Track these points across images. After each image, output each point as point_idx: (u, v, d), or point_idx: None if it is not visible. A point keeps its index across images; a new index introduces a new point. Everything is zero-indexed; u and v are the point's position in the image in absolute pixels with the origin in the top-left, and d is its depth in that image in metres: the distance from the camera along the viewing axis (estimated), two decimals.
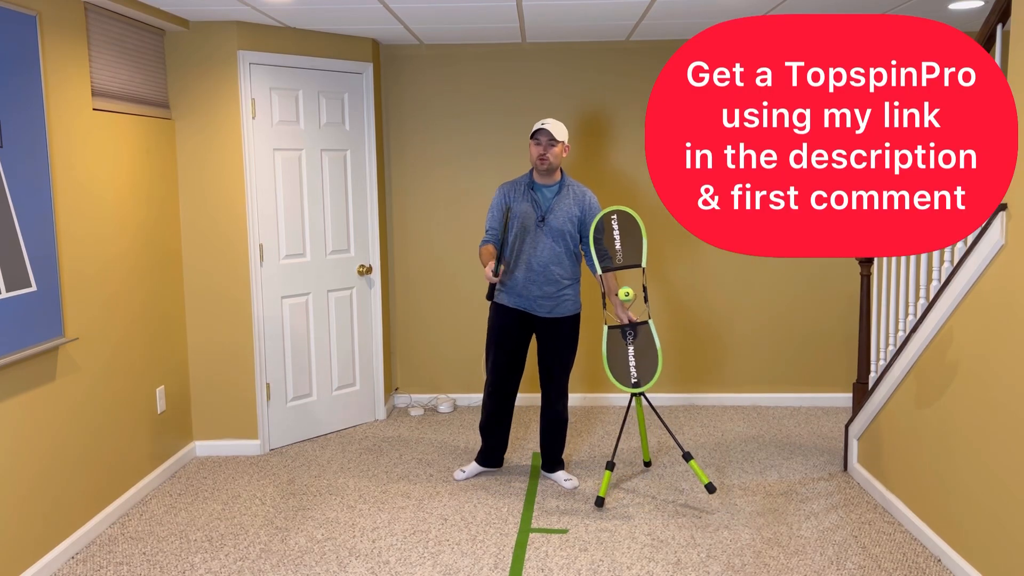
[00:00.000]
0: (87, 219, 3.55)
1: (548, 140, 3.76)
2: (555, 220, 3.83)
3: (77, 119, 3.47)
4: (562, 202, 3.86)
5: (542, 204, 3.86)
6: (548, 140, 3.76)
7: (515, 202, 3.89)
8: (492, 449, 4.21)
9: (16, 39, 3.04)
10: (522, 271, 3.87)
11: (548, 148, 3.76)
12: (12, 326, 3.00)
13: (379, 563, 3.32)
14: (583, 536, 3.54)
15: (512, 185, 3.95)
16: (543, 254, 3.84)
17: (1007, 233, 2.86)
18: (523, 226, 3.86)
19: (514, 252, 3.89)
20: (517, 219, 3.87)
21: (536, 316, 3.93)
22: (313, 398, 4.87)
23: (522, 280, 3.88)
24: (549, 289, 3.86)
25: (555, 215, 3.84)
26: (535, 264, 3.85)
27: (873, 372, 4.05)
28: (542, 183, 3.89)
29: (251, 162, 4.44)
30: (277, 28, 4.47)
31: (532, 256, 3.85)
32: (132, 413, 3.94)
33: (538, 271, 3.85)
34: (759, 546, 3.43)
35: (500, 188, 4.00)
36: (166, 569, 3.31)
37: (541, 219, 3.83)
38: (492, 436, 4.19)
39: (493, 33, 4.81)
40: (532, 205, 3.86)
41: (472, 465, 4.23)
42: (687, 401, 5.44)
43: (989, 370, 2.97)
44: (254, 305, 4.51)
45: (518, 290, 3.90)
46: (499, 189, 4.00)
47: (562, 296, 3.90)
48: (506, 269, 3.89)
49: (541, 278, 3.85)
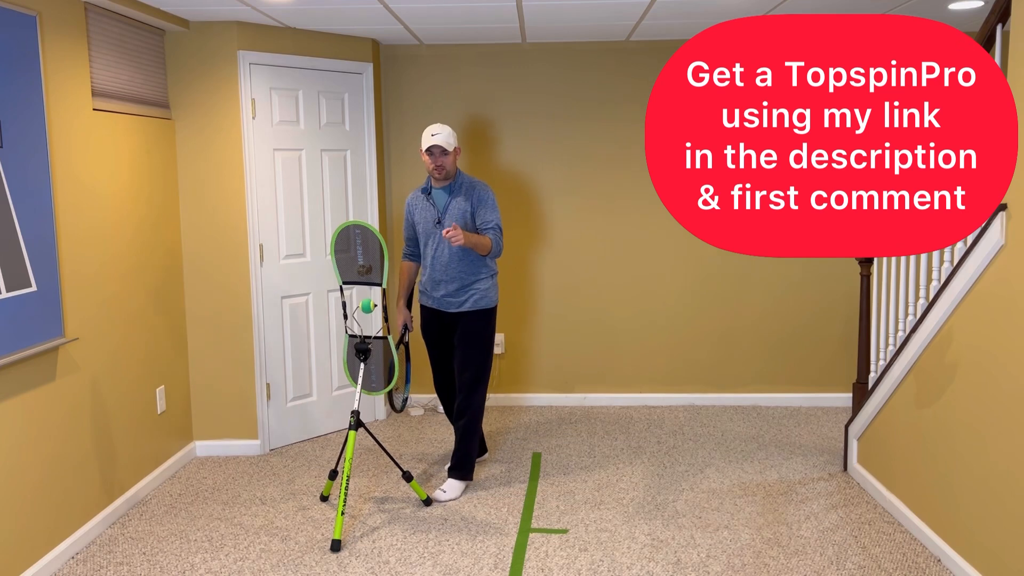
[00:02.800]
0: (87, 219, 3.55)
1: (441, 151, 3.85)
2: (449, 220, 3.92)
3: (77, 119, 3.47)
4: (455, 200, 3.95)
5: (439, 206, 3.97)
6: (441, 151, 3.85)
7: (416, 210, 4.04)
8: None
9: (16, 39, 3.04)
10: (430, 272, 4.01)
11: (441, 157, 3.86)
12: (12, 326, 3.00)
13: (379, 563, 3.32)
14: (583, 536, 3.54)
15: (414, 195, 4.09)
16: (443, 254, 3.94)
17: (1007, 233, 2.86)
18: (424, 231, 4.00)
19: (424, 258, 4.05)
20: (419, 225, 4.03)
21: (447, 313, 4.03)
22: (313, 398, 4.87)
23: (430, 281, 4.02)
24: (452, 287, 3.96)
25: (449, 215, 3.94)
26: (437, 264, 3.97)
27: (873, 372, 4.05)
28: (437, 187, 4.00)
29: (251, 162, 4.44)
30: (277, 28, 4.47)
31: (434, 257, 3.97)
32: (132, 413, 3.94)
33: (440, 270, 3.96)
34: (759, 546, 3.43)
35: (407, 199, 4.15)
36: (166, 569, 3.31)
37: (437, 221, 3.95)
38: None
39: (493, 33, 4.81)
40: (428, 209, 3.98)
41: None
42: (687, 401, 5.44)
43: (989, 370, 2.97)
44: (254, 305, 4.51)
45: (428, 291, 4.05)
46: (407, 200, 4.14)
47: (468, 291, 3.97)
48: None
49: (445, 277, 3.95)
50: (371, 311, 3.73)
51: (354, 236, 3.77)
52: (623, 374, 5.43)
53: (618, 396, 5.44)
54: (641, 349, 5.40)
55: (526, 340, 5.44)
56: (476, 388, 4.00)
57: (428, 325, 4.13)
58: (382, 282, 3.78)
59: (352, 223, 3.77)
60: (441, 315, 4.05)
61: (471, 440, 4.02)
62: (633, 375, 5.43)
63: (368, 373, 3.88)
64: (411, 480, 3.83)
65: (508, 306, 5.39)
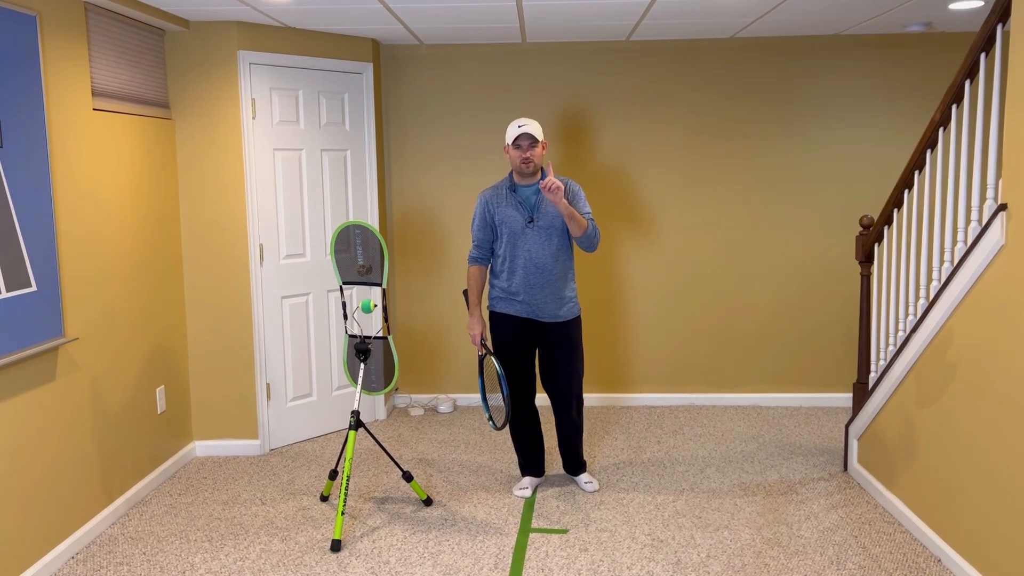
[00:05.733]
0: (87, 219, 3.55)
1: (530, 143, 3.67)
2: (543, 218, 3.74)
3: (77, 119, 3.47)
4: (546, 198, 3.72)
5: (527, 205, 3.77)
6: (530, 143, 3.67)
7: (498, 208, 3.79)
8: (531, 458, 4.08)
9: (16, 39, 3.04)
10: (520, 276, 3.78)
11: (530, 150, 3.68)
12: (12, 326, 3.00)
13: (379, 563, 3.32)
14: (583, 536, 3.54)
15: (493, 191, 3.83)
16: (539, 255, 3.74)
17: (1007, 233, 2.86)
18: (512, 231, 3.77)
19: (506, 260, 3.81)
20: (504, 225, 3.79)
21: (540, 322, 3.84)
22: (313, 398, 4.87)
23: (523, 285, 3.79)
24: (552, 290, 3.78)
25: (542, 213, 3.75)
26: (532, 267, 3.75)
27: (873, 372, 4.05)
28: (523, 184, 3.80)
29: (251, 162, 4.44)
30: (277, 28, 4.47)
31: (528, 259, 3.75)
32: (132, 413, 3.94)
33: (535, 273, 3.76)
34: (759, 546, 3.43)
35: (480, 196, 3.87)
36: (166, 569, 3.31)
37: (529, 220, 3.75)
38: (529, 445, 4.06)
39: (493, 33, 4.81)
40: (517, 208, 3.77)
41: (524, 479, 4.08)
42: (687, 401, 5.44)
43: (989, 370, 2.97)
44: (254, 305, 4.51)
45: (521, 297, 3.80)
46: (480, 197, 3.86)
47: (565, 297, 3.82)
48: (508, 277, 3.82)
49: (542, 280, 3.76)
50: (371, 311, 3.72)
51: (354, 236, 3.77)
52: (623, 374, 5.43)
53: (618, 396, 5.44)
54: (641, 349, 5.40)
55: None
56: (581, 392, 4.00)
57: (515, 334, 3.87)
58: (382, 282, 3.77)
59: (352, 223, 3.76)
60: (532, 324, 3.85)
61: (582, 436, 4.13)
62: (633, 375, 5.43)
63: (368, 373, 3.88)
64: (411, 480, 3.83)
65: None
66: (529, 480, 4.06)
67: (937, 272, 3.39)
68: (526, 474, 4.10)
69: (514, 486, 4.08)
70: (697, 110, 5.16)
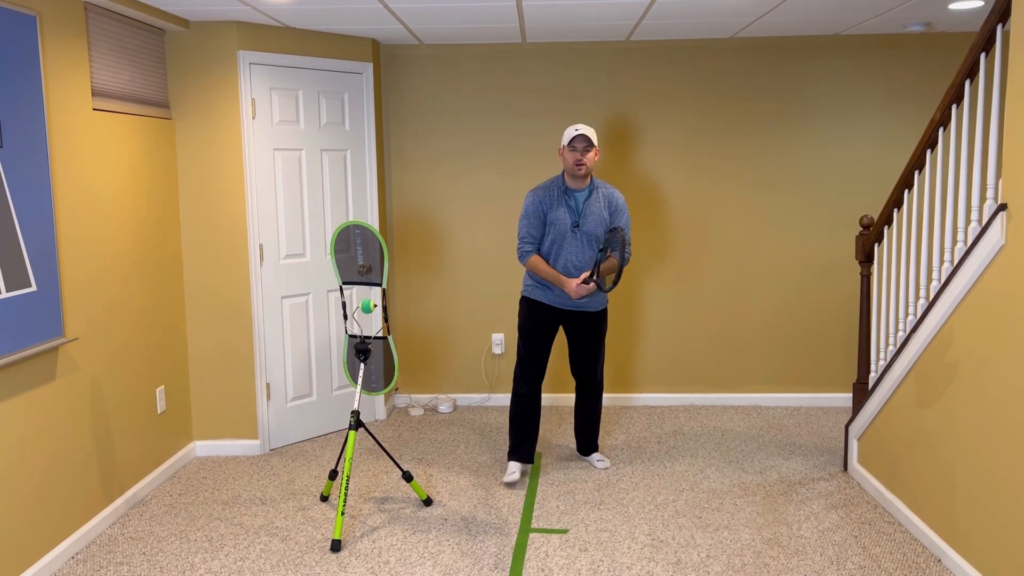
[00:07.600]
0: (87, 219, 3.55)
1: (585, 146, 3.82)
2: (588, 225, 3.91)
3: (77, 119, 3.47)
4: (593, 206, 3.92)
5: (576, 209, 3.92)
6: (585, 146, 3.82)
7: (550, 208, 3.93)
8: (523, 442, 4.17)
9: (16, 39, 3.04)
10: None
11: (585, 153, 3.83)
12: (12, 326, 3.00)
13: (379, 563, 3.32)
14: (583, 536, 3.54)
15: (545, 191, 3.96)
16: (579, 259, 3.95)
17: (1007, 233, 2.86)
18: (558, 232, 3.93)
19: (547, 258, 4.01)
20: (553, 225, 3.93)
21: (571, 311, 4.06)
22: (313, 398, 4.88)
23: None
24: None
25: (587, 220, 3.91)
26: (572, 269, 3.96)
27: (873, 372, 4.05)
28: (574, 187, 3.93)
29: (251, 162, 4.44)
30: (277, 28, 4.47)
31: (569, 261, 3.95)
32: (132, 413, 3.94)
33: (576, 275, 3.95)
34: (759, 546, 3.43)
35: (533, 194, 3.97)
36: (166, 569, 3.31)
37: (575, 224, 3.90)
38: (524, 427, 4.16)
39: (493, 33, 4.81)
40: (566, 210, 3.92)
41: (511, 465, 4.15)
42: (687, 401, 5.44)
43: (989, 370, 2.97)
44: (254, 305, 4.51)
45: (557, 290, 4.01)
46: (531, 195, 3.97)
47: (596, 294, 4.03)
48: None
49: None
50: (371, 311, 3.73)
51: (354, 236, 3.77)
52: (624, 374, 5.43)
53: (619, 396, 5.44)
54: (641, 349, 5.41)
55: None
56: (603, 378, 4.32)
57: (543, 323, 4.07)
58: (382, 282, 3.77)
59: (352, 223, 3.77)
60: (564, 313, 4.07)
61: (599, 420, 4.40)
62: (633, 375, 5.43)
63: (368, 373, 3.88)
64: (411, 480, 3.83)
65: (507, 307, 5.39)
66: (518, 466, 4.15)
67: (937, 272, 3.39)
68: (514, 459, 4.17)
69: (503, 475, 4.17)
70: (697, 110, 5.16)
